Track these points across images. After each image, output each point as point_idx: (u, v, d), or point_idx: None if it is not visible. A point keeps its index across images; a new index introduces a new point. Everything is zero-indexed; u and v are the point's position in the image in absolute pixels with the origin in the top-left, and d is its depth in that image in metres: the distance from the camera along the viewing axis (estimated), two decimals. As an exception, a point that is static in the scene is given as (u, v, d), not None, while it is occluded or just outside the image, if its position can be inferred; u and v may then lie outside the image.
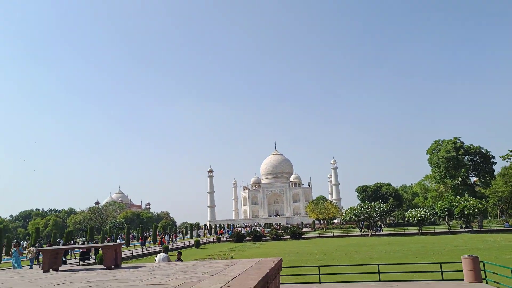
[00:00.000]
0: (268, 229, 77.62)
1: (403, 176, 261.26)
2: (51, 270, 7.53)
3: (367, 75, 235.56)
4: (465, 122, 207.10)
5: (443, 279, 13.71)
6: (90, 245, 11.96)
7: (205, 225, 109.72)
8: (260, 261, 8.49)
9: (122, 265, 8.30)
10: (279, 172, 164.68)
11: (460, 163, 56.21)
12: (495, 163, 58.68)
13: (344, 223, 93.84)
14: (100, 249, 24.89)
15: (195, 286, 4.84)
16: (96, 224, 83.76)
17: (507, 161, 61.91)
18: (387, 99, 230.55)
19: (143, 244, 45.24)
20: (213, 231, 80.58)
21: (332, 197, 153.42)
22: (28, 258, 20.28)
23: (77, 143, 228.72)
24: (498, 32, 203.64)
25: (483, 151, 57.61)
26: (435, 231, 50.87)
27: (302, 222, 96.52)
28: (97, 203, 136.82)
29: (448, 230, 50.52)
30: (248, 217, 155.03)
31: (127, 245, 45.98)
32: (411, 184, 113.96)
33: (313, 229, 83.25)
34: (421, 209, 51.61)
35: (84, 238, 56.22)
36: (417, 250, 28.16)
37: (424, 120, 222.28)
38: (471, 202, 48.35)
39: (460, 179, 57.79)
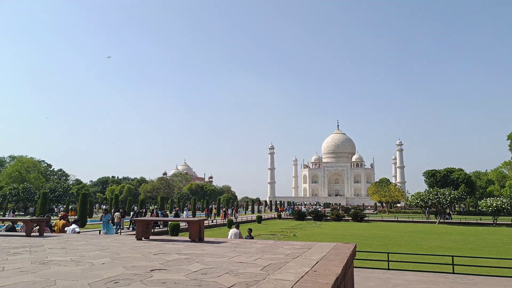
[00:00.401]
0: (328, 209, 77.37)
1: (476, 162, 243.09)
2: (143, 238, 8.25)
3: (444, 48, 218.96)
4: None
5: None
6: (178, 218, 12.69)
7: (265, 201, 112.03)
8: (336, 246, 8.54)
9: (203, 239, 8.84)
10: (341, 152, 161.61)
11: (547, 150, 50.80)
12: None
13: (408, 207, 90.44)
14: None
15: (283, 267, 5.07)
16: (164, 193, 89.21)
17: None
18: (461, 78, 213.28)
19: (208, 216, 47.58)
20: (273, 207, 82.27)
21: (395, 180, 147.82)
22: (114, 223, 22.37)
23: (147, 116, 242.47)
24: None
25: None
26: (512, 222, 47.09)
27: (363, 204, 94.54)
28: (165, 173, 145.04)
29: (528, 223, 46.47)
30: (308, 196, 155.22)
31: (194, 215, 48.53)
32: (486, 170, 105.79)
33: (375, 212, 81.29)
34: (498, 198, 47.86)
35: (155, 206, 60.33)
36: (493, 243, 26.35)
37: (501, 102, 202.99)
38: (558, 193, 43.83)
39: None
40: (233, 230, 13.47)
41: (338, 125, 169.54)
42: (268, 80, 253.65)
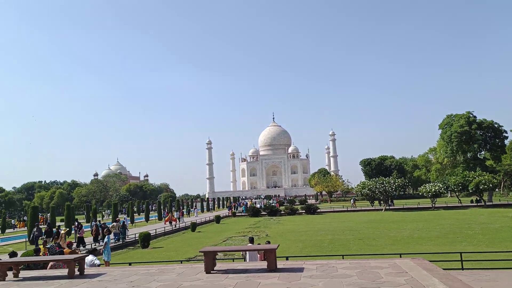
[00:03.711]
0: (269, 201, 77.88)
1: (403, 149, 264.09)
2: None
3: (370, 43, 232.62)
4: (467, 95, 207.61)
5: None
6: (247, 247, 10.77)
7: (202, 198, 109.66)
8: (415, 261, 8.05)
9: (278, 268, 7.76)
10: (277, 144, 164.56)
11: (472, 138, 56.20)
12: (506, 137, 58.88)
13: (345, 195, 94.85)
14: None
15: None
16: (101, 196, 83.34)
17: (517, 135, 62.15)
18: (389, 69, 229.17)
19: (160, 219, 44.83)
20: (211, 204, 76.36)
21: (330, 168, 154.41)
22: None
23: (72, 113, 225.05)
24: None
25: (496, 125, 57.59)
26: (448, 205, 51.41)
27: (305, 195, 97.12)
28: (96, 174, 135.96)
29: (460, 205, 51.07)
30: (247, 189, 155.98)
31: (132, 220, 42.77)
32: (411, 156, 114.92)
33: (318, 202, 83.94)
34: (436, 183, 51.96)
35: (109, 210, 55.51)
36: (451, 228, 28.12)
37: (424, 92, 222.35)
38: (485, 177, 48.68)
39: (471, 154, 58.00)
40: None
41: (273, 118, 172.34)
42: (202, 75, 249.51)
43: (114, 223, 24.02)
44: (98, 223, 28.42)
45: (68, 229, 23.49)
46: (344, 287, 6.31)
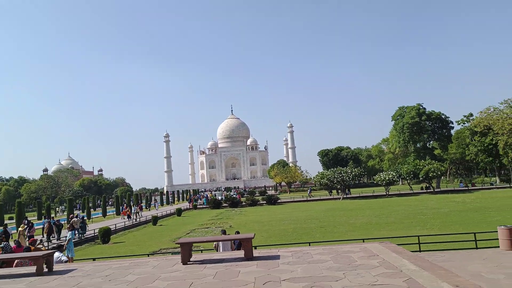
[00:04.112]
0: (230, 192, 78.09)
1: (358, 140, 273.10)
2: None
3: (325, 37, 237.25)
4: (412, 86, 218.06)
5: (477, 248, 14.54)
6: (224, 237, 10.42)
7: (167, 192, 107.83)
8: (375, 245, 8.43)
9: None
10: (236, 136, 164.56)
11: (422, 128, 59.40)
12: (452, 128, 62.85)
13: (303, 186, 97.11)
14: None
15: None
16: (52, 192, 79.39)
17: (461, 126, 66.46)
18: (344, 62, 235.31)
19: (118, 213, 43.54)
20: (170, 197, 75.32)
21: (288, 160, 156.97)
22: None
23: (18, 105, 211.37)
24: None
25: (443, 116, 61.20)
26: (400, 192, 54.14)
27: (264, 186, 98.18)
28: (46, 170, 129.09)
29: (411, 192, 53.95)
30: (206, 181, 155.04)
31: (89, 216, 40.87)
32: (365, 147, 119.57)
33: (277, 192, 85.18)
34: (389, 172, 54.47)
35: (62, 206, 52.91)
36: (405, 214, 29.67)
37: (377, 84, 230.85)
38: (434, 165, 51.69)
39: (421, 144, 61.32)
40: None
41: (232, 110, 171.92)
42: (158, 66, 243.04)
43: (75, 219, 22.96)
44: (51, 220, 27.04)
45: (25, 226, 22.17)
46: (323, 271, 6.48)
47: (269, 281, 5.96)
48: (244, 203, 51.00)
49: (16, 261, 8.68)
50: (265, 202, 51.09)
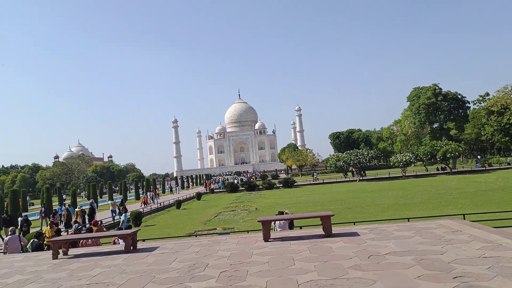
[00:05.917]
0: (241, 176, 78.33)
1: (367, 122, 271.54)
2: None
3: (336, 19, 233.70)
4: (433, 67, 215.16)
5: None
6: (305, 215, 10.30)
7: (176, 177, 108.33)
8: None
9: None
10: (244, 120, 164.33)
11: (439, 109, 58.70)
12: (469, 108, 62.04)
13: (313, 169, 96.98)
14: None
15: None
16: (66, 179, 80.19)
17: (477, 106, 65.63)
18: (355, 44, 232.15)
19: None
20: (186, 183, 77.37)
21: (297, 143, 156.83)
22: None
23: (29, 95, 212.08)
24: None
25: (459, 96, 60.39)
26: (417, 173, 53.90)
27: (276, 170, 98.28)
28: (57, 157, 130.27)
29: (428, 173, 53.71)
30: (215, 166, 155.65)
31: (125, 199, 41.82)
32: (374, 129, 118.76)
33: (289, 176, 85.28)
34: (406, 154, 54.17)
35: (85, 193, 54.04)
36: (430, 195, 29.47)
37: (389, 65, 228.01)
38: (452, 146, 51.26)
39: (437, 124, 60.73)
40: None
41: (239, 95, 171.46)
42: (166, 52, 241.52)
43: (111, 201, 23.24)
44: (68, 207, 26.64)
45: (81, 207, 22.58)
46: (418, 246, 6.36)
47: (371, 255, 5.88)
48: (261, 187, 51.11)
49: (82, 242, 8.82)
50: (281, 185, 51.18)
